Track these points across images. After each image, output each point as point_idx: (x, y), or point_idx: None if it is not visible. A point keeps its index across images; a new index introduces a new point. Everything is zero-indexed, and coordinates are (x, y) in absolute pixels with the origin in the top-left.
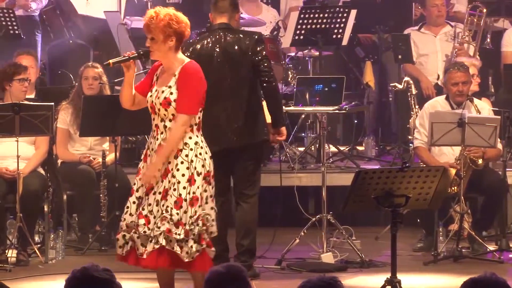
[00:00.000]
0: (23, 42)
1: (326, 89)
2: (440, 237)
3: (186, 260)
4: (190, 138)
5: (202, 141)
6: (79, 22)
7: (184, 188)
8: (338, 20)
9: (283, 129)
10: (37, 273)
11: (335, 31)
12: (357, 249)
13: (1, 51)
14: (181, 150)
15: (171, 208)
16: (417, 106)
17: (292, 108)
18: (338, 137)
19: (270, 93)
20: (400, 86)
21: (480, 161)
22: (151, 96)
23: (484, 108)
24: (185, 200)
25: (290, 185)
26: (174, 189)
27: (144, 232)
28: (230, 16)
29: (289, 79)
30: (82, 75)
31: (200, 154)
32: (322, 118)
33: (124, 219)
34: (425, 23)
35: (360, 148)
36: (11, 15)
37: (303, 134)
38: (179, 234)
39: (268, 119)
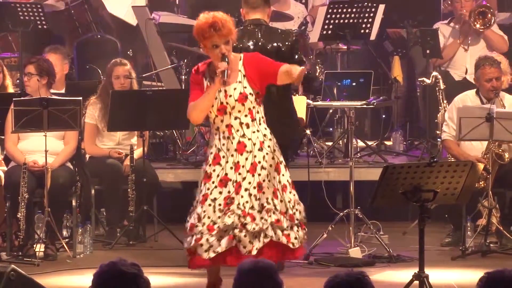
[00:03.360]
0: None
1: (354, 83)
2: (468, 232)
3: (297, 246)
4: (266, 129)
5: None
6: (107, 17)
7: (274, 178)
8: (366, 14)
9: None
10: (65, 267)
11: (363, 25)
12: (384, 244)
13: (30, 46)
14: (263, 142)
15: (272, 199)
16: (445, 101)
17: (320, 102)
18: (366, 132)
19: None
20: (428, 81)
21: (506, 155)
22: (216, 98)
23: None
24: (278, 189)
25: (318, 180)
26: (269, 181)
27: (253, 229)
28: (263, 12)
29: (317, 74)
30: (112, 73)
31: (276, 144)
32: (350, 113)
33: (204, 224)
34: (454, 17)
35: (388, 143)
36: (39, 10)
37: (331, 129)
38: (284, 222)
39: (299, 114)
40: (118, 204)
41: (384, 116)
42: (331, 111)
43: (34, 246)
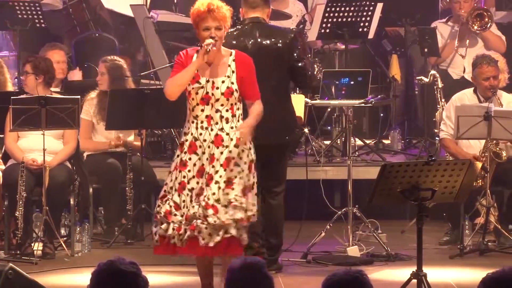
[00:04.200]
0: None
1: (352, 82)
2: (466, 231)
3: (244, 245)
4: None
5: None
6: (105, 15)
7: (247, 175)
8: (365, 13)
9: None
10: (63, 266)
11: (362, 24)
12: (383, 242)
13: (28, 44)
14: (239, 139)
15: (240, 197)
16: (443, 100)
17: (318, 101)
18: (364, 130)
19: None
20: (426, 80)
21: (504, 153)
22: (202, 87)
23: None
24: (247, 187)
25: (316, 178)
26: (240, 178)
27: (215, 221)
28: (262, 11)
29: (315, 73)
30: None
31: (251, 142)
32: (348, 112)
33: (183, 214)
34: (452, 16)
35: (386, 141)
36: (37, 8)
37: (329, 128)
38: (248, 221)
39: (297, 112)
40: (116, 203)
41: (382, 114)
42: (329, 109)
43: (32, 244)
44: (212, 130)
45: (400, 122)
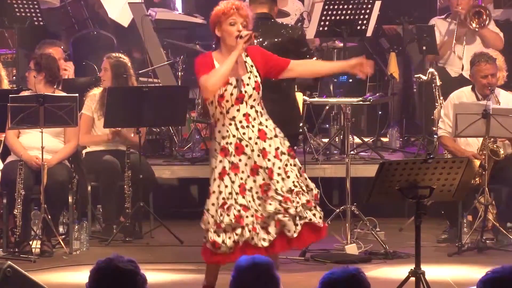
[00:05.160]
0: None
1: (351, 80)
2: (464, 228)
3: (321, 225)
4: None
5: None
6: (103, 13)
7: (293, 160)
8: (363, 11)
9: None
10: (61, 264)
11: (360, 22)
12: (381, 240)
13: (27, 42)
14: (275, 129)
15: (298, 182)
16: (441, 98)
17: (316, 99)
18: (362, 128)
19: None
20: (425, 78)
21: (501, 151)
22: (235, 87)
23: (510, 99)
24: (299, 169)
25: (314, 176)
26: (291, 164)
27: (294, 212)
28: (270, 7)
29: None
30: None
31: (281, 132)
32: (346, 110)
33: (252, 214)
34: (451, 13)
35: (384, 139)
36: (36, 6)
37: (327, 125)
38: (313, 201)
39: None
40: (114, 201)
41: (380, 112)
42: (327, 107)
43: (31, 242)
44: (253, 126)
45: (398, 120)
